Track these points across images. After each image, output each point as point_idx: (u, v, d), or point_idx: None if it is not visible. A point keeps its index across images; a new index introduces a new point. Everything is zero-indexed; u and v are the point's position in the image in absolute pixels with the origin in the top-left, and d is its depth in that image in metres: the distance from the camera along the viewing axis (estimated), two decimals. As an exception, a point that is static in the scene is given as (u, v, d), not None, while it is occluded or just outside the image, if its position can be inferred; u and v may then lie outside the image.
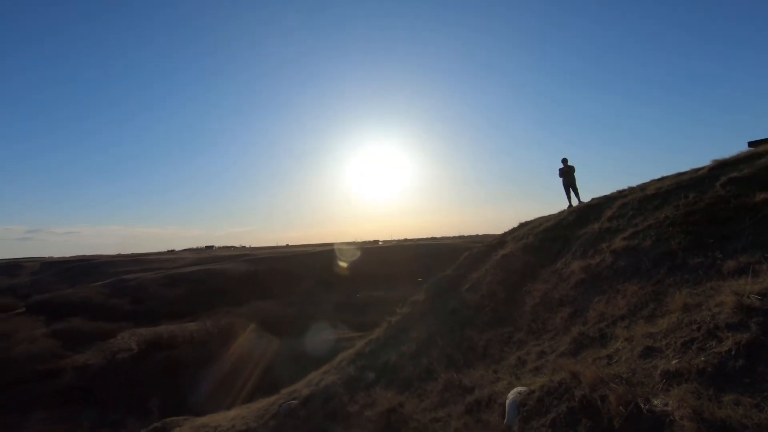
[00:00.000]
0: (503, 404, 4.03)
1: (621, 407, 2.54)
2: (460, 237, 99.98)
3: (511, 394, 4.01)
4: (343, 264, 48.28)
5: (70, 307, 39.73)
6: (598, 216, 7.58)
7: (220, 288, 44.55)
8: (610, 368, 3.16)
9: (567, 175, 10.75)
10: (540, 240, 8.26)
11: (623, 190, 8.38)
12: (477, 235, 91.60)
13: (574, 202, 10.39)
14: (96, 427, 18.85)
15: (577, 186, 10.82)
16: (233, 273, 49.75)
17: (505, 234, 10.89)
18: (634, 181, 8.63)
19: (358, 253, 54.41)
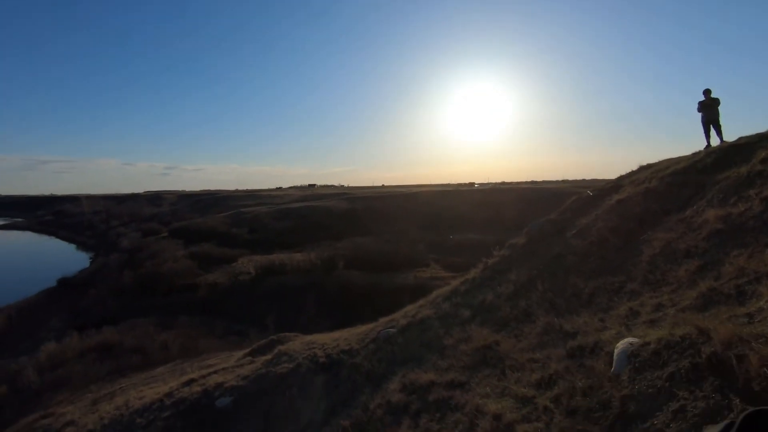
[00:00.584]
0: (610, 353, 3.83)
1: (765, 368, 2.25)
2: (564, 181, 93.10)
3: (621, 344, 3.79)
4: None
5: (201, 234, 46.14)
6: (747, 157, 6.40)
7: (323, 223, 47.88)
8: (752, 327, 2.78)
9: (708, 109, 9.13)
10: (666, 184, 7.30)
11: (786, 127, 6.90)
12: (584, 180, 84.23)
13: (715, 142, 8.88)
14: (225, 334, 22.35)
15: (721, 123, 9.18)
16: (334, 210, 52.85)
17: (622, 177, 9.84)
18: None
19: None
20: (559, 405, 3.64)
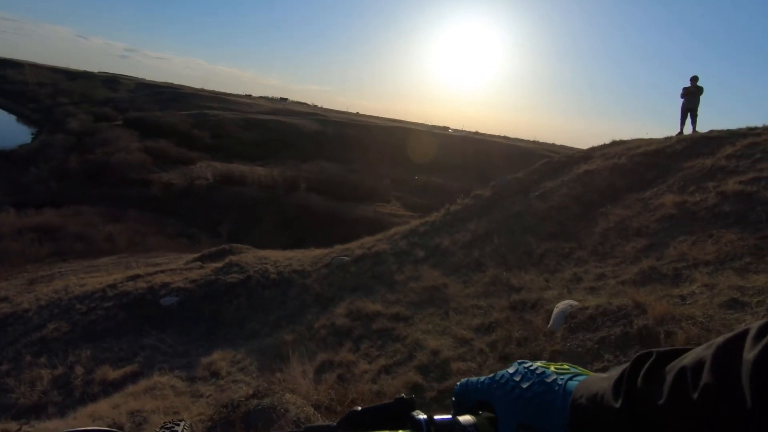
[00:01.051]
0: (550, 311, 4.10)
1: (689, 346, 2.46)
2: (534, 142, 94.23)
3: (561, 304, 4.05)
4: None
5: (160, 129, 43.51)
6: (713, 151, 6.64)
7: (290, 141, 46.42)
8: (684, 308, 3.02)
9: (691, 96, 9.23)
10: (634, 163, 7.51)
11: (756, 128, 7.15)
12: (554, 144, 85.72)
13: (687, 130, 9.11)
14: (176, 235, 22.02)
15: (697, 113, 9.37)
16: (304, 129, 51.13)
17: (594, 149, 10.02)
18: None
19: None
20: (495, 350, 3.91)
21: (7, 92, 78.84)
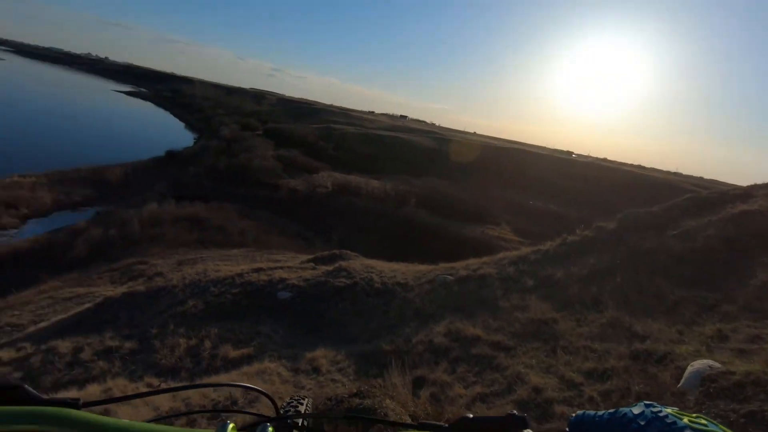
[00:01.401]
0: (682, 368, 3.55)
1: None
2: (675, 174, 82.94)
3: (698, 363, 3.48)
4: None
5: (291, 139, 48.38)
6: None
7: (405, 157, 47.80)
8: None
9: None
10: (813, 207, 6.16)
11: None
12: (701, 178, 74.26)
13: None
14: (295, 236, 24.09)
15: None
16: (419, 146, 52.28)
17: (755, 186, 8.49)
18: None
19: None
20: (608, 399, 3.50)
21: (181, 104, 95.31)
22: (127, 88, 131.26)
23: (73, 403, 0.45)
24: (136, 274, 13.70)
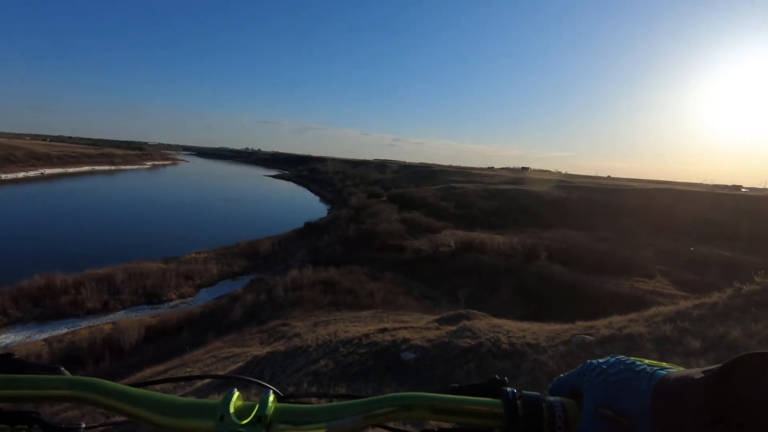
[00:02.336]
0: None
1: None
2: None
3: None
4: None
5: (414, 202, 50.23)
6: None
7: (530, 209, 45.56)
8: None
9: None
10: None
11: None
12: None
13: None
14: (421, 297, 24.13)
15: None
16: (545, 197, 49.52)
17: None
18: None
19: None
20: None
21: (316, 180, 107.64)
22: (275, 172, 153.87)
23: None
24: (280, 335, 15.07)
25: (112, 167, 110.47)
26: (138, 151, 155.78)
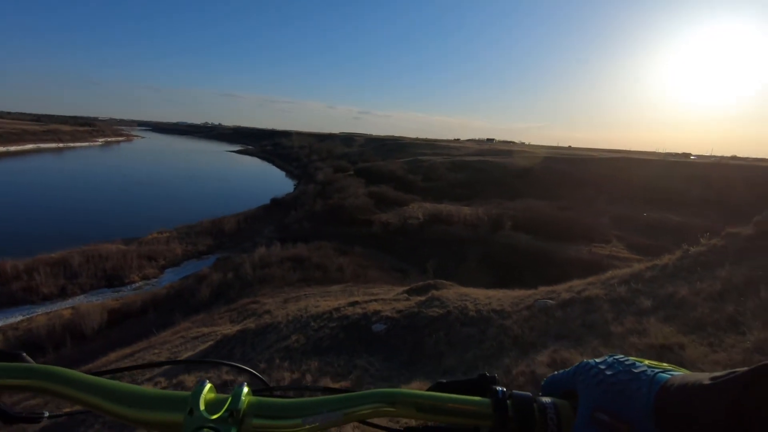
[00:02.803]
0: None
1: None
2: (837, 164, 68.46)
3: None
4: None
5: (381, 176, 50.13)
6: None
7: (496, 180, 46.50)
8: None
9: None
10: None
11: None
12: None
13: None
14: (390, 269, 24.47)
15: None
16: (510, 167, 50.57)
17: None
18: None
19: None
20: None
21: (281, 155, 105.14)
22: (237, 148, 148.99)
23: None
24: (249, 313, 14.95)
25: (60, 145, 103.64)
26: (88, 127, 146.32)
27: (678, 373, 0.41)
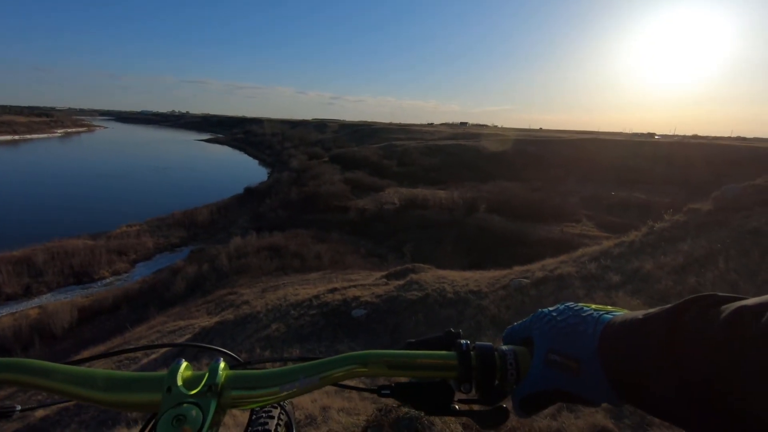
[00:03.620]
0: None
1: None
2: (788, 141, 72.37)
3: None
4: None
5: (356, 161, 49.84)
6: None
7: (470, 163, 46.99)
8: None
9: None
10: None
11: None
12: (822, 141, 63.93)
13: None
14: (368, 255, 24.53)
15: None
16: (483, 151, 51.15)
17: None
18: None
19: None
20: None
21: (252, 143, 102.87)
22: (206, 136, 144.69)
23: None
24: (227, 304, 14.77)
25: (15, 137, 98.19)
26: (45, 118, 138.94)
27: (621, 313, 0.45)
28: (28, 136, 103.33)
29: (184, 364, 0.48)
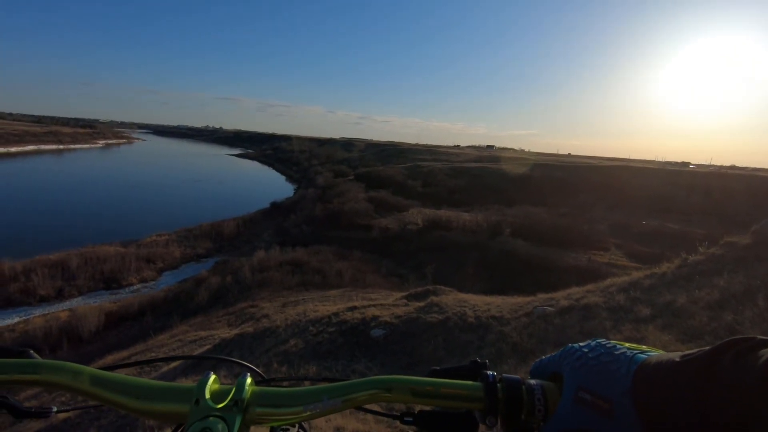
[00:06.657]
0: None
1: None
2: (835, 175, 68.68)
3: None
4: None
5: (381, 181, 50.22)
6: None
7: (495, 186, 46.58)
8: None
9: None
10: None
11: None
12: None
13: None
14: (389, 274, 24.42)
15: None
16: (509, 174, 50.69)
17: None
18: None
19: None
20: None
21: (281, 159, 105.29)
22: (238, 151, 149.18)
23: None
24: (248, 316, 14.91)
25: (61, 146, 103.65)
26: (89, 129, 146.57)
27: (655, 353, 0.44)
28: (72, 146, 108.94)
29: (213, 377, 0.49)
